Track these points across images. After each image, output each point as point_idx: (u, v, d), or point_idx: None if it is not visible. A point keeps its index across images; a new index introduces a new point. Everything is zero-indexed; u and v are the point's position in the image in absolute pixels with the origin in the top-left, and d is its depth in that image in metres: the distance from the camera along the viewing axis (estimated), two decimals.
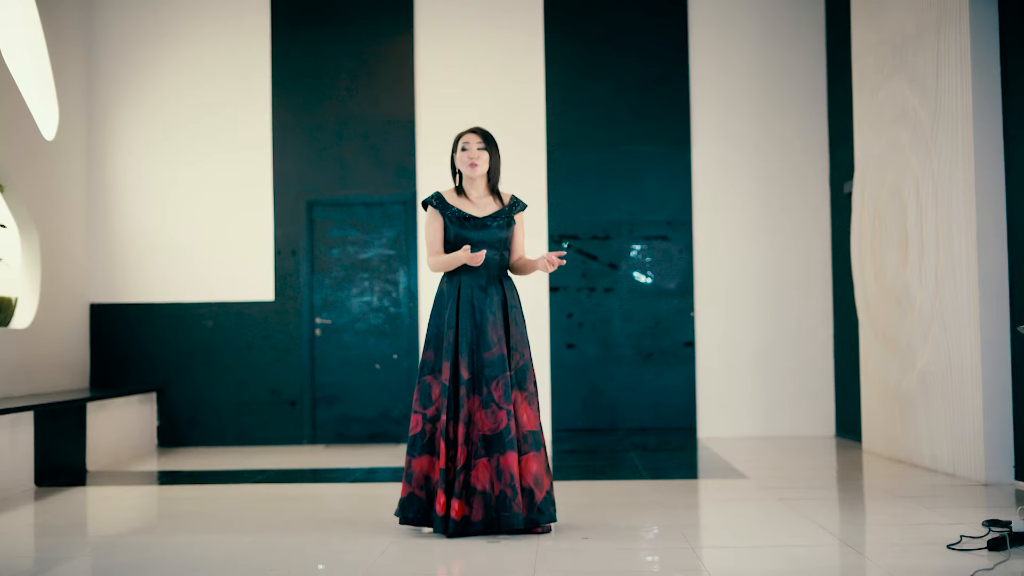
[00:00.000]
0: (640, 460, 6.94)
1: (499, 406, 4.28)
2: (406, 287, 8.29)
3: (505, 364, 4.33)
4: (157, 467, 7.17)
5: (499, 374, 4.31)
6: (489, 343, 4.35)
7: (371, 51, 8.37)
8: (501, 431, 4.26)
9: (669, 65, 8.32)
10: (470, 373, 4.34)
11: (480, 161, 4.47)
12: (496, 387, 4.30)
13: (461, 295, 4.42)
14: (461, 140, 4.54)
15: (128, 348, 8.26)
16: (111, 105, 8.38)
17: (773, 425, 8.16)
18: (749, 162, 8.27)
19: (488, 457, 4.28)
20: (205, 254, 8.32)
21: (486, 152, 4.50)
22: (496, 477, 4.25)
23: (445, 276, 4.52)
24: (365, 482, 6.24)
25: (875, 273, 6.76)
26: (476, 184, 4.54)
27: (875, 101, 6.76)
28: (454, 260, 4.41)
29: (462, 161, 4.50)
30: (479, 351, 4.35)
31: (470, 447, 4.30)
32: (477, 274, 4.43)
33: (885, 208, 6.58)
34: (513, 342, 4.41)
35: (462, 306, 4.40)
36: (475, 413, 4.32)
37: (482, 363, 4.33)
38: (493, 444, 4.27)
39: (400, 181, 8.31)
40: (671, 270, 8.25)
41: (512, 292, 4.51)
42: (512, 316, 4.44)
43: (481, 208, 4.50)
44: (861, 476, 6.08)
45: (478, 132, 4.53)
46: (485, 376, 4.32)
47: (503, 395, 4.29)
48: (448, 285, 4.48)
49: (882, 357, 6.69)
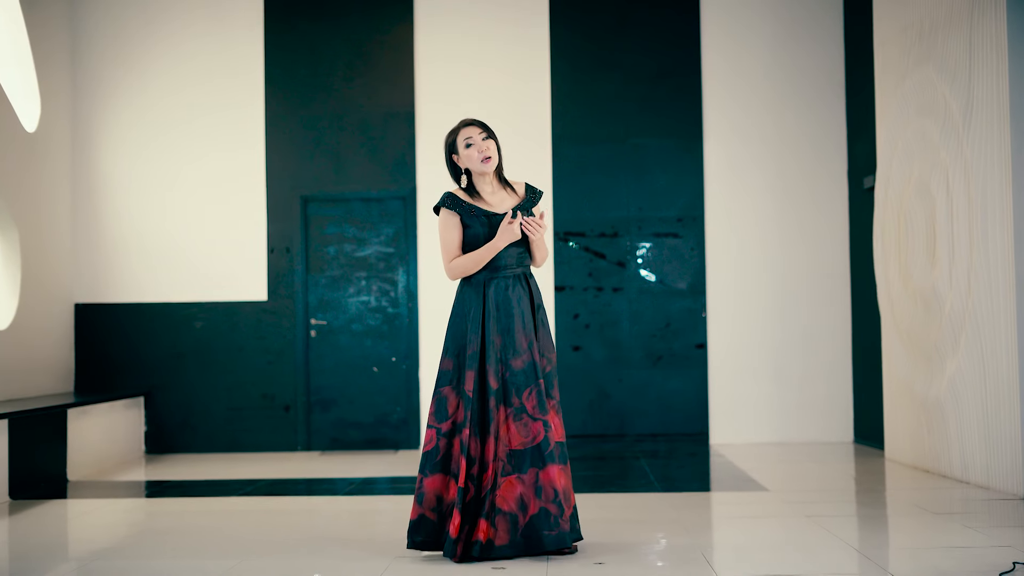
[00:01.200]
0: (651, 469, 6.59)
1: (533, 417, 3.94)
2: (405, 286, 7.94)
3: (536, 372, 3.99)
4: (143, 476, 6.82)
5: (532, 383, 3.97)
6: (518, 349, 4.00)
7: (369, 41, 8.01)
8: (540, 444, 3.93)
9: (680, 55, 7.96)
10: (499, 383, 3.99)
11: (492, 153, 4.09)
12: (529, 397, 3.96)
13: (487, 297, 4.06)
14: (461, 136, 4.12)
15: (115, 350, 7.91)
16: (97, 97, 8.03)
17: (789, 431, 7.80)
18: (763, 156, 7.91)
19: (520, 473, 3.92)
20: (195, 252, 7.96)
21: (492, 140, 4.13)
22: (535, 494, 3.90)
23: (463, 280, 4.16)
24: (361, 494, 5.89)
25: (900, 273, 6.41)
26: (488, 179, 4.17)
27: (900, 91, 6.40)
28: (480, 258, 4.06)
29: (471, 158, 4.10)
30: (507, 359, 4.00)
31: (497, 464, 3.95)
32: (501, 274, 4.08)
33: (911, 204, 6.22)
34: (541, 347, 4.07)
35: (488, 310, 4.04)
36: (503, 426, 3.97)
37: (511, 372, 3.98)
38: (527, 458, 3.93)
39: (399, 176, 7.95)
40: (682, 269, 7.90)
41: (538, 292, 4.17)
42: (540, 318, 4.11)
43: (499, 203, 4.15)
44: (889, 488, 5.73)
45: (476, 124, 4.12)
46: (516, 385, 3.97)
47: (537, 405, 3.95)
48: (470, 288, 4.12)
49: (907, 361, 6.34)
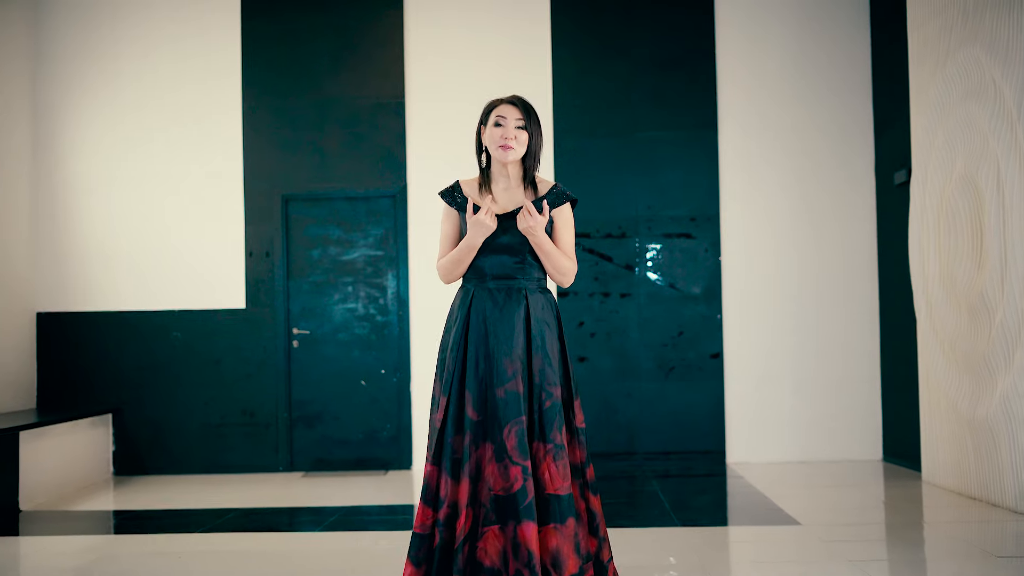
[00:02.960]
0: (664, 493, 5.98)
1: (512, 460, 3.26)
2: (395, 292, 7.31)
3: (520, 405, 3.31)
4: (106, 505, 6.19)
5: (513, 417, 3.29)
6: (503, 376, 3.32)
7: (355, 26, 7.38)
8: (515, 493, 3.23)
9: (692, 41, 7.33)
10: (480, 414, 3.32)
11: (517, 143, 3.39)
12: (509, 435, 3.28)
13: (472, 310, 3.41)
14: (495, 112, 3.42)
15: (81, 363, 7.28)
16: (59, 90, 7.39)
17: (812, 448, 7.18)
18: (783, 149, 7.29)
19: (501, 525, 3.25)
20: (167, 256, 7.33)
21: (525, 132, 3.41)
22: (512, 553, 3.22)
23: (459, 289, 3.52)
24: (346, 528, 5.25)
25: (941, 277, 5.79)
26: (507, 171, 3.48)
27: (940, 75, 5.78)
28: (456, 258, 3.42)
29: (492, 139, 3.40)
30: (491, 386, 3.33)
31: (477, 510, 3.28)
32: (487, 284, 3.42)
33: (954, 200, 5.60)
34: (538, 376, 3.36)
35: (472, 325, 3.39)
36: (486, 466, 3.30)
37: (495, 402, 3.31)
38: (507, 509, 3.25)
39: (388, 173, 7.32)
40: (695, 272, 7.27)
41: (542, 310, 3.43)
42: (537, 342, 3.38)
43: (505, 202, 3.46)
44: (935, 520, 5.10)
45: (518, 104, 3.42)
46: (497, 419, 3.30)
47: (517, 446, 3.26)
48: (459, 298, 3.48)
49: (949, 374, 5.72)
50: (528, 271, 3.45)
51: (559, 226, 3.47)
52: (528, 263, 3.45)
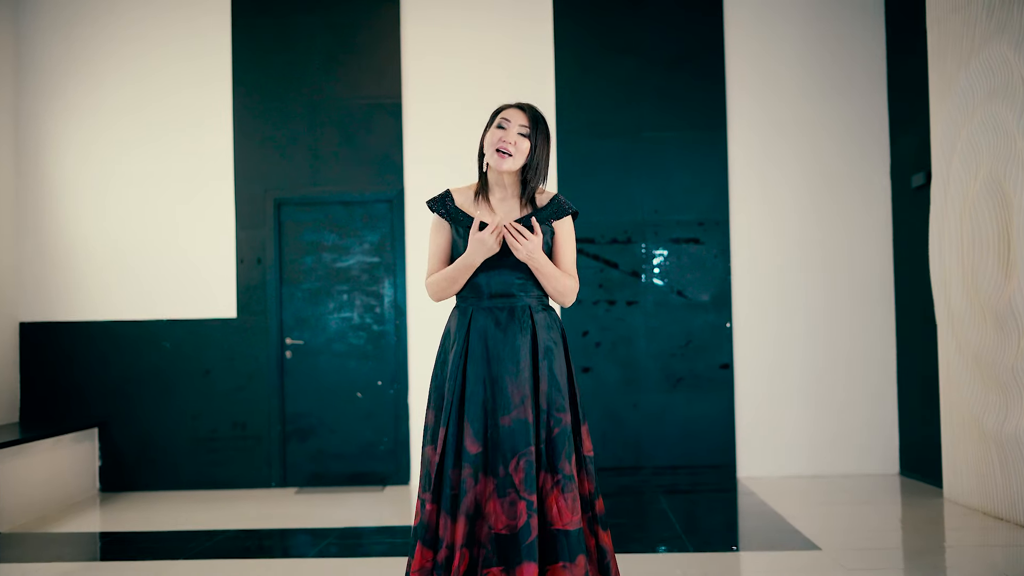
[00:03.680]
0: (673, 512, 5.70)
1: (519, 494, 2.98)
2: (392, 301, 7.04)
3: (528, 435, 3.03)
4: (90, 526, 5.91)
5: (521, 449, 3.01)
6: (509, 403, 3.05)
7: (350, 22, 7.10)
8: (519, 531, 2.96)
9: (700, 37, 7.05)
10: (481, 446, 3.04)
11: (516, 150, 3.12)
12: (516, 468, 3.00)
13: (471, 333, 3.13)
14: (500, 115, 3.19)
15: (65, 375, 7.00)
16: (43, 90, 7.12)
17: (825, 462, 6.90)
18: (795, 151, 7.01)
19: (505, 567, 2.96)
20: (155, 264, 7.06)
21: (528, 141, 3.14)
22: None
23: (455, 307, 3.25)
24: (340, 555, 4.97)
25: (964, 285, 5.51)
26: (504, 181, 3.20)
27: (963, 73, 5.50)
28: (451, 275, 3.13)
29: (490, 142, 3.16)
30: (495, 414, 3.05)
31: (475, 552, 3.00)
32: (486, 303, 3.14)
33: (979, 204, 5.32)
34: (545, 401, 3.08)
35: (472, 349, 3.11)
36: (486, 503, 3.02)
37: (499, 432, 3.03)
38: (510, 549, 2.96)
39: (384, 176, 7.05)
40: (704, 279, 6.99)
41: (548, 329, 3.17)
42: (544, 365, 3.11)
43: (504, 215, 3.18)
44: (963, 543, 4.82)
45: (525, 110, 3.17)
46: (503, 451, 3.02)
47: (524, 479, 2.99)
48: (455, 319, 3.19)
49: (973, 387, 5.45)
50: (530, 288, 3.18)
51: (560, 241, 3.20)
52: (531, 279, 3.18)
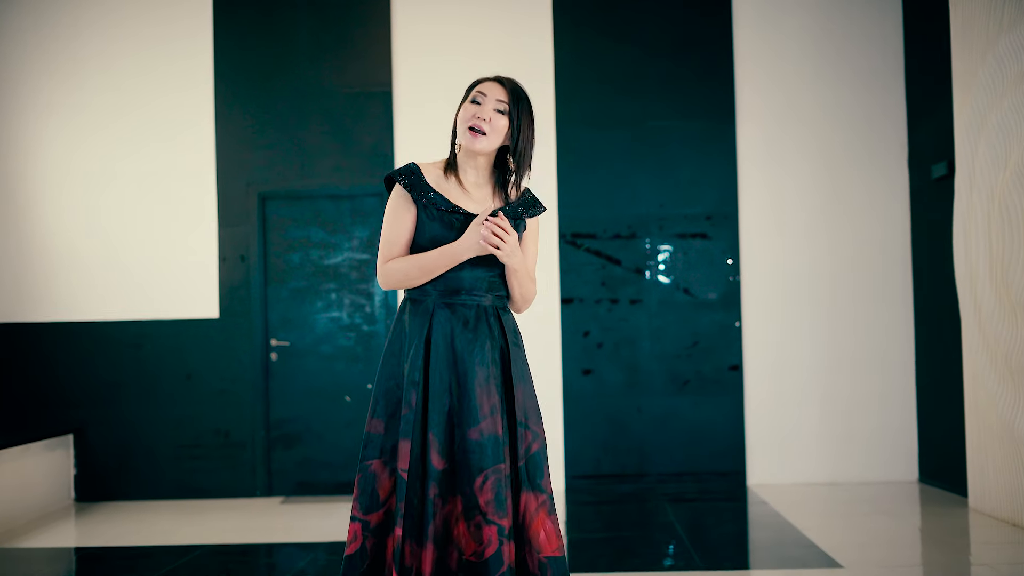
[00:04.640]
0: (680, 523, 5.35)
1: (486, 518, 2.62)
2: (382, 300, 6.69)
3: (500, 449, 2.67)
4: (66, 540, 5.55)
5: (490, 465, 2.65)
6: (477, 414, 2.68)
7: (337, 7, 6.74)
8: (488, 560, 2.59)
9: (707, 21, 6.69)
10: (447, 462, 2.68)
11: (491, 128, 2.75)
12: (483, 487, 2.63)
13: (433, 333, 2.75)
14: (476, 88, 2.82)
15: (38, 379, 6.65)
16: (16, 81, 6.76)
17: (840, 469, 6.54)
18: (807, 141, 6.65)
19: None
20: (133, 261, 6.70)
21: (505, 118, 2.77)
22: None
23: (408, 300, 2.86)
24: (327, 572, 4.63)
25: (992, 281, 5.15)
26: (476, 163, 2.84)
27: (990, 56, 5.15)
28: (430, 264, 2.75)
29: (463, 118, 2.79)
30: (463, 426, 2.68)
31: None
32: (460, 299, 2.77)
33: (1010, 194, 4.96)
34: (521, 412, 2.74)
35: (435, 352, 2.73)
36: (455, 525, 2.67)
37: (466, 446, 2.67)
38: None
39: (374, 168, 6.69)
40: (712, 276, 6.64)
41: (515, 334, 2.84)
42: (517, 370, 2.78)
43: (477, 201, 2.84)
44: (994, 560, 4.47)
45: (504, 83, 2.80)
46: (471, 467, 2.66)
47: (492, 500, 2.62)
48: (412, 315, 2.80)
49: (1003, 389, 5.09)
50: (498, 287, 2.84)
51: (527, 241, 2.88)
52: (502, 279, 2.84)
